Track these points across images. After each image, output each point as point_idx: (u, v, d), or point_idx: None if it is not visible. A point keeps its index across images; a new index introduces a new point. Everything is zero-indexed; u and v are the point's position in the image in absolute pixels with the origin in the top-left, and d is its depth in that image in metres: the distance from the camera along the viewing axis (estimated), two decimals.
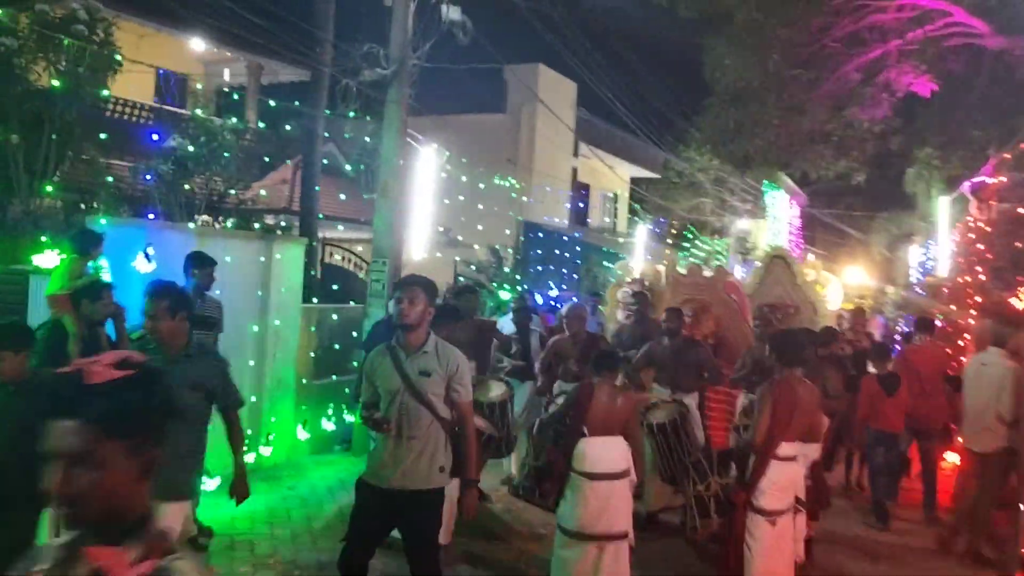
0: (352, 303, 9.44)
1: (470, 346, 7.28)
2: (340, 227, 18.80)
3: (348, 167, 20.17)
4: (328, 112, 12.17)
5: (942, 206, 14.34)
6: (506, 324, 8.44)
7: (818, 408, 5.27)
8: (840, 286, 25.06)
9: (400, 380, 4.13)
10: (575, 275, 18.87)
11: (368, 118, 11.91)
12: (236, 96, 19.44)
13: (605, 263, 19.94)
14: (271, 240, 7.76)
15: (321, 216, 14.47)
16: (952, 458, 10.37)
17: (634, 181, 31.07)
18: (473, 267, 18.35)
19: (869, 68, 12.93)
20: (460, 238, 20.97)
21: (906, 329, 13.85)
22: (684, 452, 6.43)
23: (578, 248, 21.11)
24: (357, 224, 18.13)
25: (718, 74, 15.70)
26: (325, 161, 16.86)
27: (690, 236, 26.97)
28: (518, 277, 17.97)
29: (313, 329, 8.38)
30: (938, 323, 13.34)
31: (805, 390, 5.16)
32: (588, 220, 27.31)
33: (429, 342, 4.24)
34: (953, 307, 11.61)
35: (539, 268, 20.27)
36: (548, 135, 21.79)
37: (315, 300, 9.54)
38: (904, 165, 16.91)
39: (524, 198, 21.57)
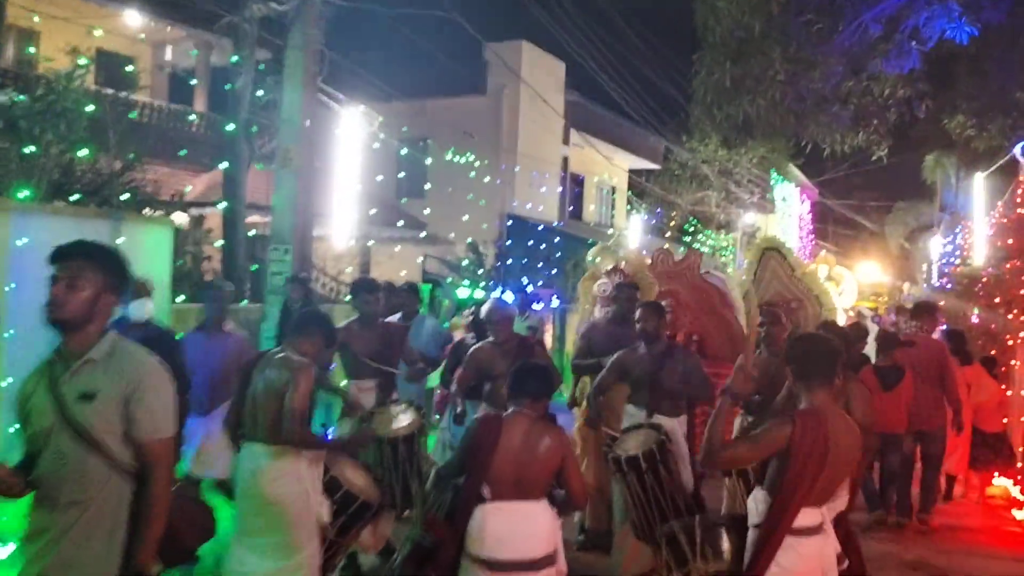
0: (245, 303, 7.57)
1: (372, 359, 5.46)
2: None
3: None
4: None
5: (977, 184, 12.40)
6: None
7: (858, 450, 3.38)
8: (855, 282, 23.14)
9: (52, 410, 2.49)
10: (563, 272, 17.00)
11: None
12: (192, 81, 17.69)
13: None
14: (118, 219, 5.93)
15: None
16: (1001, 483, 8.55)
17: (633, 172, 29.20)
18: (445, 264, 16.59)
19: (892, 18, 11.02)
20: (450, 236, 19.17)
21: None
22: (666, 497, 4.59)
23: (570, 243, 19.21)
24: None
25: (711, 21, 13.65)
26: None
27: (691, 229, 25.10)
28: (493, 276, 16.16)
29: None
30: (974, 319, 11.48)
31: (841, 426, 3.29)
32: (583, 214, 25.39)
33: (100, 345, 2.57)
34: (996, 299, 9.71)
35: (524, 265, 18.42)
36: (534, 120, 19.94)
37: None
38: (934, 136, 14.95)
39: (508, 188, 19.72)
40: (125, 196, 7.56)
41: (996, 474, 8.72)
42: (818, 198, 34.35)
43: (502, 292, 11.39)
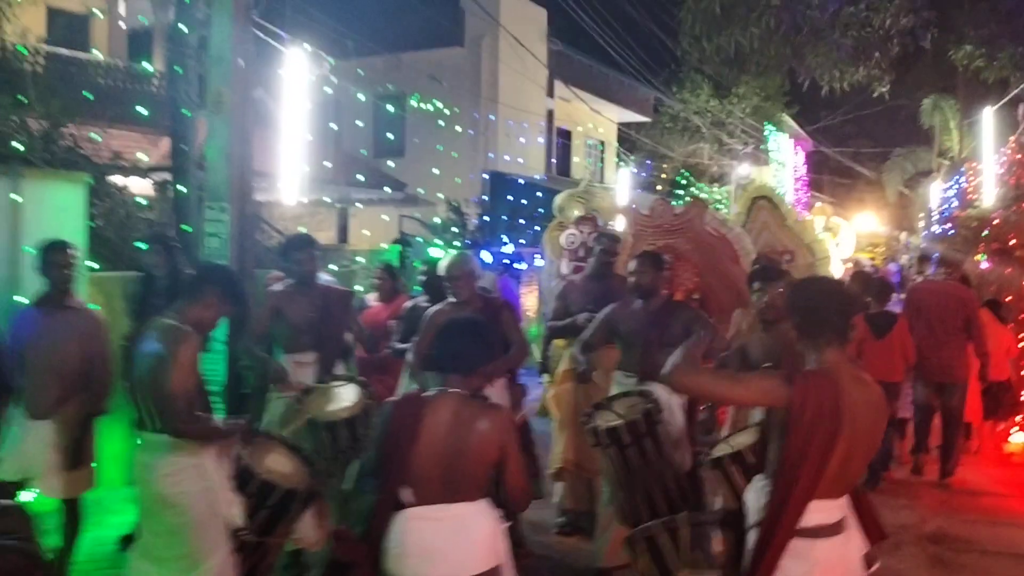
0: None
1: (310, 328, 4.73)
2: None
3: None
4: None
5: (985, 119, 11.59)
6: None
7: (883, 423, 2.66)
8: (852, 233, 22.41)
9: None
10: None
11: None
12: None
13: None
14: (15, 176, 5.13)
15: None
16: (1020, 439, 7.92)
17: (623, 126, 28.28)
18: (425, 225, 15.75)
19: None
20: (421, 191, 18.33)
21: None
22: (653, 477, 3.91)
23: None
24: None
25: None
26: None
27: (683, 182, 24.26)
28: (475, 236, 15.36)
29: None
30: (983, 265, 10.79)
31: (860, 395, 2.56)
32: (570, 170, 24.50)
33: None
34: (1012, 242, 9.00)
35: (508, 223, 17.62)
36: (516, 71, 18.95)
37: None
38: (936, 75, 14.05)
39: (490, 144, 18.86)
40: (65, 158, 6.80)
41: (1015, 429, 8.11)
42: (813, 147, 33.49)
43: (478, 252, 10.65)
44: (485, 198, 18.07)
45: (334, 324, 4.72)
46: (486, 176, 18.46)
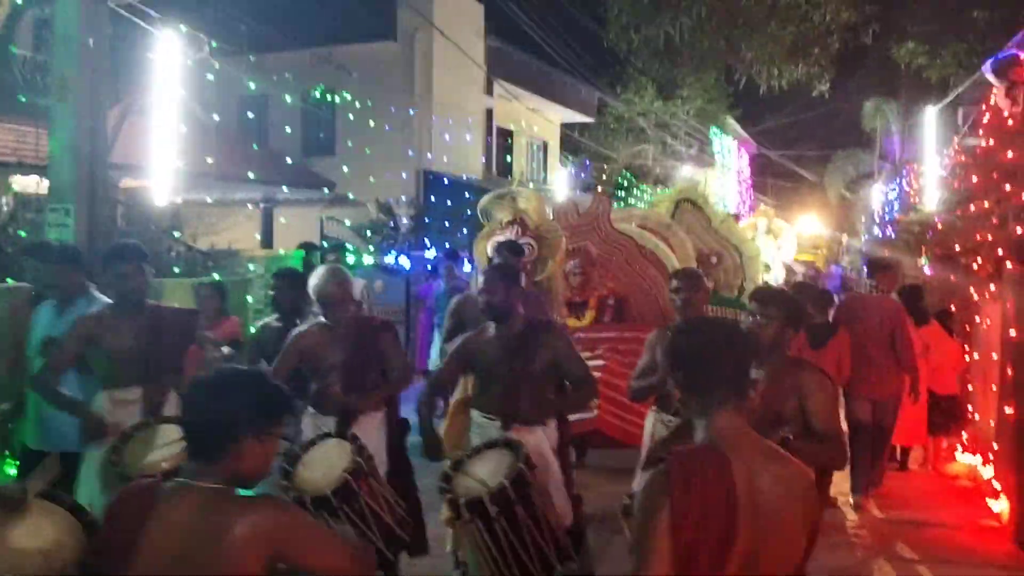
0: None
1: (134, 358, 3.94)
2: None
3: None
4: None
5: (928, 119, 11.18)
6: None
7: (809, 500, 2.00)
8: (794, 235, 22.08)
9: None
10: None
11: None
12: None
13: None
14: None
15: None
16: (966, 460, 7.45)
17: (566, 127, 27.71)
18: (351, 228, 14.96)
19: None
20: (351, 195, 17.46)
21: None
22: (527, 548, 3.21)
23: None
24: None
25: None
26: None
27: (625, 184, 23.72)
28: (409, 239, 14.60)
29: None
30: (927, 272, 10.38)
31: (767, 468, 1.90)
32: (512, 171, 23.80)
33: None
34: (956, 247, 8.52)
35: (444, 226, 16.89)
36: (452, 68, 18.21)
37: None
38: (878, 76, 13.66)
39: (425, 143, 18.08)
40: None
41: (959, 448, 7.64)
42: (757, 150, 33.43)
43: (397, 257, 9.90)
44: (425, 201, 17.29)
45: (166, 353, 3.91)
46: (423, 179, 17.68)
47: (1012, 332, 5.90)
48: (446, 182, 17.78)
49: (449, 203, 16.80)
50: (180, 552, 1.81)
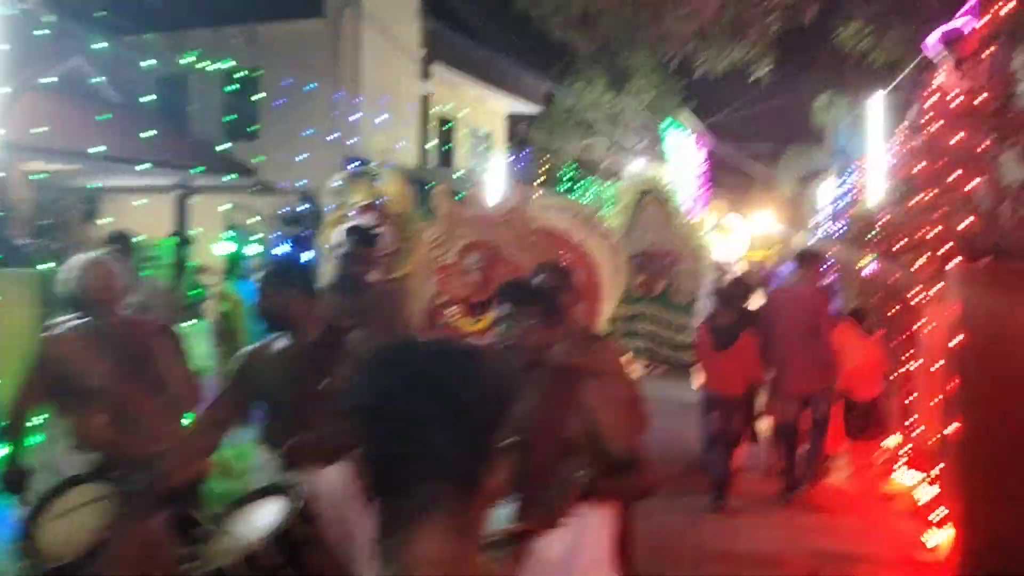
0: None
1: None
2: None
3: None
4: None
5: (873, 105, 10.48)
6: None
7: None
8: (748, 232, 21.40)
9: None
10: None
11: None
12: None
13: None
14: None
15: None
16: (906, 478, 6.73)
17: (514, 118, 26.81)
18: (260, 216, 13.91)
19: None
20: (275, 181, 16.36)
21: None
22: None
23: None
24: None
25: None
26: None
27: (569, 176, 22.86)
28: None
29: None
30: (868, 271, 9.68)
31: None
32: (452, 161, 22.83)
33: None
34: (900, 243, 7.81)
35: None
36: (383, 51, 17.18)
37: None
38: (824, 64, 12.95)
39: (353, 130, 17.02)
40: None
41: (900, 465, 6.89)
42: (712, 145, 32.89)
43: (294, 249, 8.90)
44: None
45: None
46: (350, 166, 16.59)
47: (957, 337, 5.13)
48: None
49: None
50: None
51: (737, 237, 27.30)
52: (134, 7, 14.99)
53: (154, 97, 16.37)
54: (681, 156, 29.59)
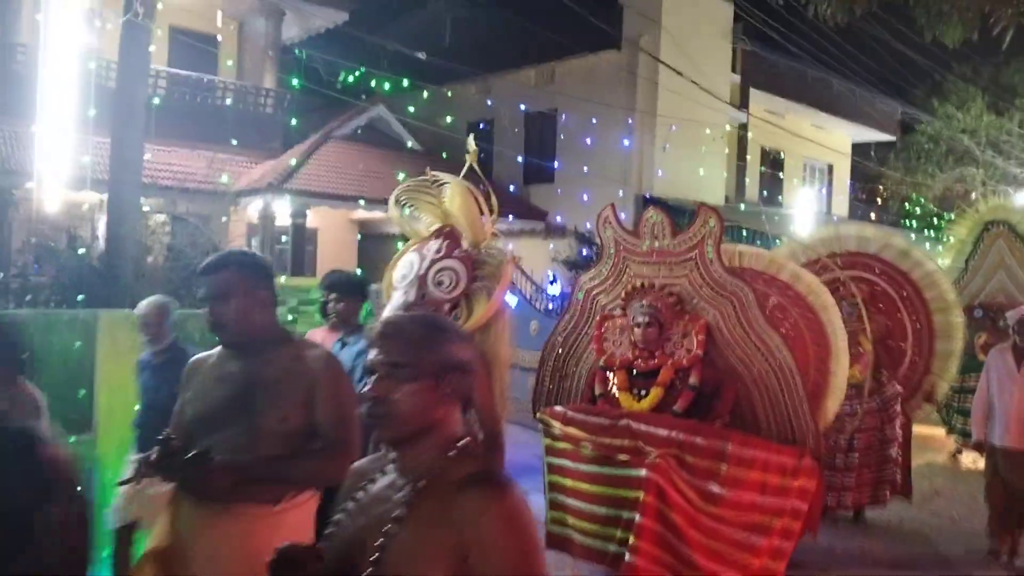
0: None
1: None
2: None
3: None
4: None
5: None
6: None
7: None
8: None
9: None
10: None
11: None
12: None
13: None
14: None
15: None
16: None
17: (861, 150, 23.42)
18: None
19: None
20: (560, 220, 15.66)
21: None
22: None
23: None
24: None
25: None
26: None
27: (915, 211, 19.05)
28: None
29: None
30: None
31: None
32: (782, 197, 20.33)
33: None
34: None
35: None
36: (686, 78, 15.66)
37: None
38: None
39: (648, 163, 15.70)
40: None
41: None
42: None
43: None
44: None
45: None
46: (638, 202, 15.33)
47: None
48: (673, 209, 15.22)
49: None
50: None
51: None
52: (439, 57, 15.35)
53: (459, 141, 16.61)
54: None
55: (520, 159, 16.64)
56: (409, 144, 15.63)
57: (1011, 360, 5.38)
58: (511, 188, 16.72)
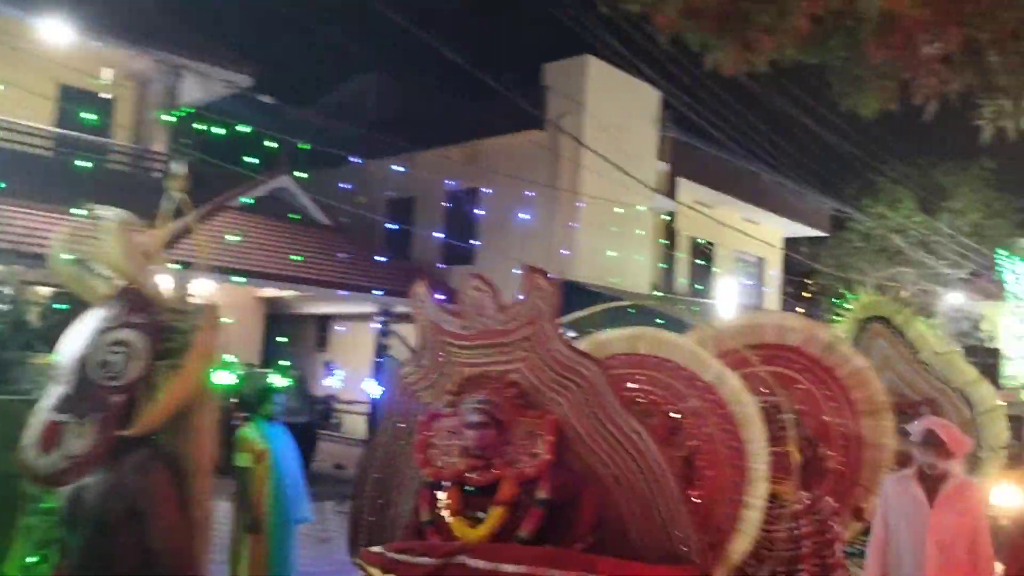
0: None
1: None
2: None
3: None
4: None
5: None
6: None
7: None
8: None
9: None
10: None
11: None
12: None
13: None
14: None
15: None
16: None
17: (792, 244, 23.14)
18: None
19: None
20: None
21: None
22: None
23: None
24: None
25: None
26: None
27: (841, 301, 18.62)
28: None
29: None
30: None
31: None
32: (710, 291, 19.72)
33: None
34: None
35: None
36: (611, 162, 15.10)
37: None
38: None
39: (573, 248, 14.96)
40: None
41: None
42: None
43: None
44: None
45: None
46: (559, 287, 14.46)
47: None
48: (592, 296, 14.42)
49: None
50: None
51: None
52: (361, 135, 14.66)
53: (378, 220, 15.79)
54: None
55: (441, 237, 15.83)
56: (315, 218, 14.68)
57: (917, 491, 4.39)
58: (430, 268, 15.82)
